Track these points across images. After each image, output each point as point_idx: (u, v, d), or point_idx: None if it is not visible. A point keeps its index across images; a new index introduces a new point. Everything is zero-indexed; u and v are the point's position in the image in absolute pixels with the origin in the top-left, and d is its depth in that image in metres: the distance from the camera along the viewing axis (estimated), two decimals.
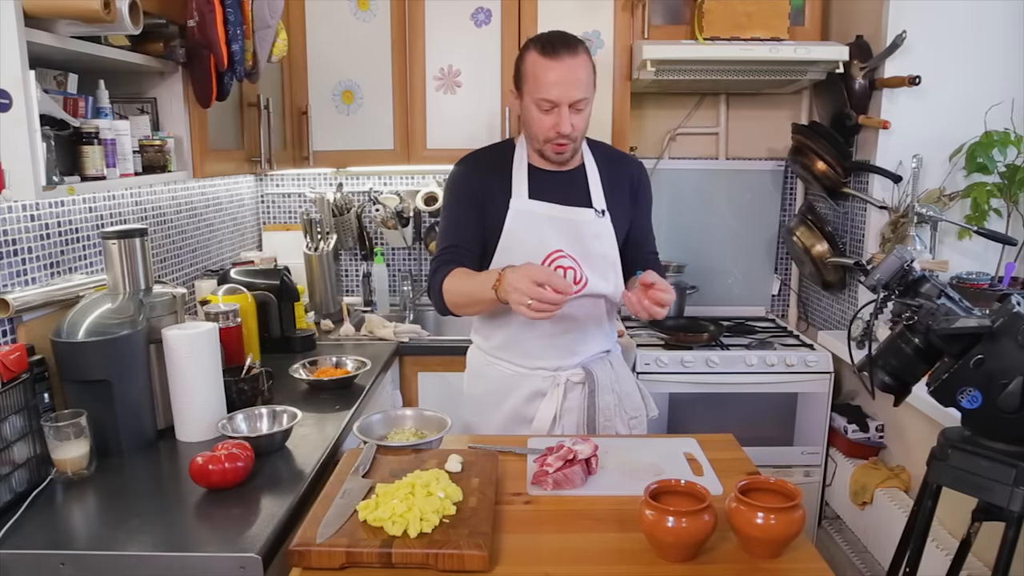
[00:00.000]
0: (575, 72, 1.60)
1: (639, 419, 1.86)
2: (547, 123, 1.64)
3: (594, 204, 1.74)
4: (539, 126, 1.66)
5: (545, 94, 1.61)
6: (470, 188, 1.75)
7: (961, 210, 2.33)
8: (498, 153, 1.80)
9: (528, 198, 1.71)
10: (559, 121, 1.62)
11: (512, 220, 1.71)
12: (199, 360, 1.58)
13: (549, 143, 1.67)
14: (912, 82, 2.24)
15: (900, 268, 1.36)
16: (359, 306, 2.98)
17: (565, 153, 1.69)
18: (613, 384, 1.80)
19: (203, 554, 1.15)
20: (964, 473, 1.32)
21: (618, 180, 1.79)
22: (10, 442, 1.31)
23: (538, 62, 1.62)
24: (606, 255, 1.74)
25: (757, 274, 3.08)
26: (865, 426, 2.47)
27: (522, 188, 1.72)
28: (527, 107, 1.68)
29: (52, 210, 1.72)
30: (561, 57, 1.60)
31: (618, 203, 1.77)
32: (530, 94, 1.65)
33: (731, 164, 3.00)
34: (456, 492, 1.23)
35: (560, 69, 1.60)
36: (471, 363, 1.93)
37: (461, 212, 1.74)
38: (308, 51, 2.64)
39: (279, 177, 3.07)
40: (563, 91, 1.60)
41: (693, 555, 1.12)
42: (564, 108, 1.61)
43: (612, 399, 1.79)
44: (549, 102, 1.62)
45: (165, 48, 1.70)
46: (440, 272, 1.69)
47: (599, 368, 1.79)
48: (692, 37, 2.55)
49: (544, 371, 1.78)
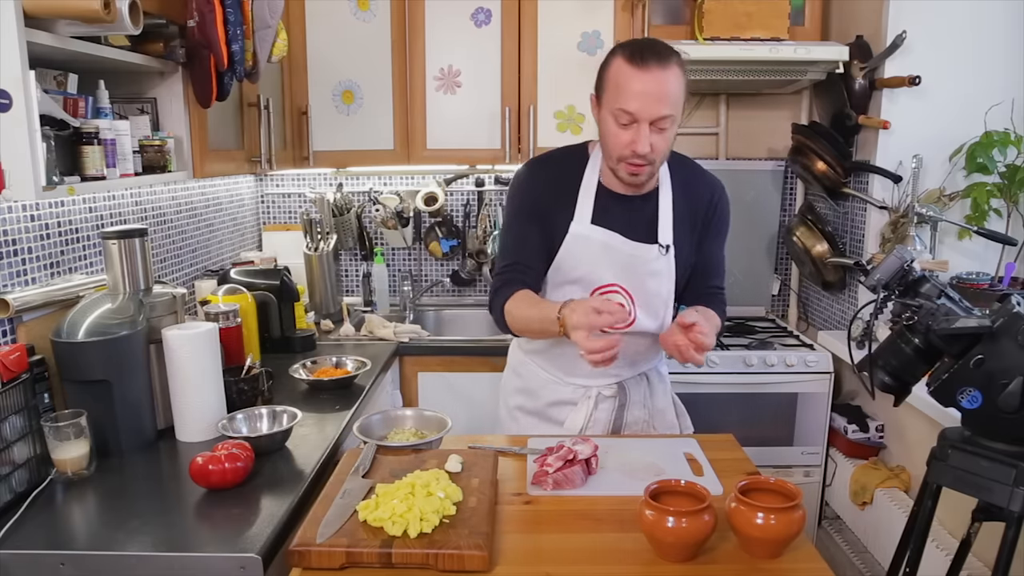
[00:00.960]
0: (662, 85, 1.43)
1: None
2: (624, 139, 1.47)
3: (660, 239, 1.61)
4: (615, 141, 1.50)
5: (624, 104, 1.44)
6: (534, 199, 1.63)
7: (961, 210, 2.33)
8: (569, 163, 1.65)
9: (590, 222, 1.59)
10: (636, 139, 1.45)
11: (569, 243, 1.60)
12: (199, 360, 1.58)
13: (623, 162, 1.51)
14: (912, 82, 2.24)
15: (900, 268, 1.36)
16: (359, 306, 2.98)
17: (641, 176, 1.52)
18: (645, 400, 1.74)
19: (203, 554, 1.15)
20: (964, 473, 1.32)
21: (692, 206, 1.65)
22: (10, 442, 1.31)
23: (622, 69, 1.45)
24: (661, 293, 1.63)
25: (757, 274, 3.07)
26: (865, 426, 2.47)
27: (586, 210, 1.60)
28: (604, 119, 1.51)
29: (52, 210, 1.72)
30: (649, 67, 1.43)
31: (686, 235, 1.64)
32: (609, 104, 1.48)
33: (731, 164, 3.00)
34: (456, 492, 1.23)
35: (646, 80, 1.43)
36: (511, 358, 1.86)
37: (523, 226, 1.63)
38: (308, 51, 2.64)
39: (279, 177, 3.07)
40: (645, 104, 1.43)
41: (693, 555, 1.12)
42: (644, 125, 1.45)
43: (642, 415, 1.73)
44: (628, 114, 1.45)
45: (165, 48, 1.70)
46: (502, 292, 1.59)
47: (633, 384, 1.73)
48: (692, 37, 2.55)
49: (576, 384, 1.72)
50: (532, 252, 1.62)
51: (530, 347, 1.78)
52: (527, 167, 1.69)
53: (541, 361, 1.77)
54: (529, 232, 1.62)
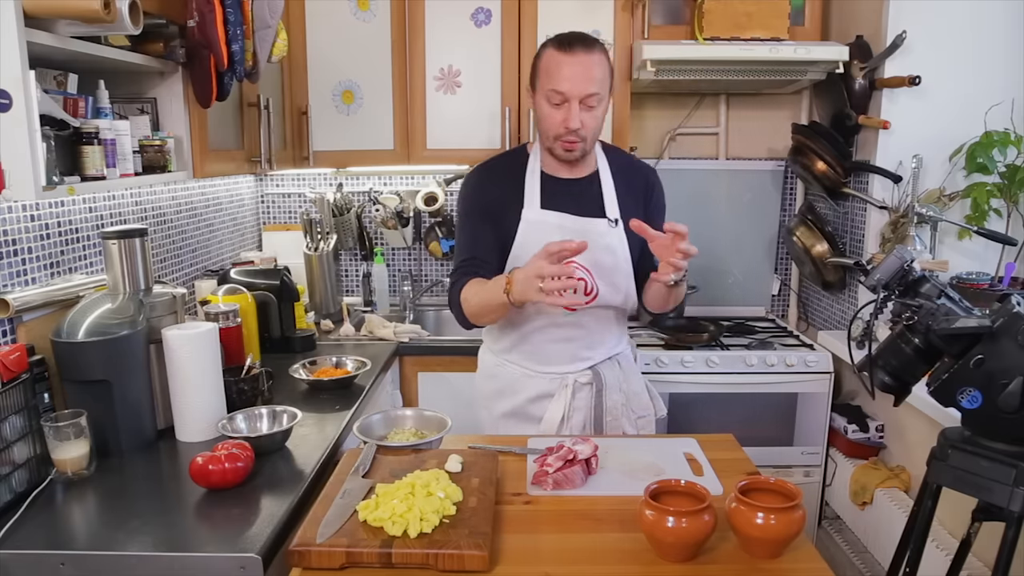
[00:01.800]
0: (588, 68, 1.59)
1: (647, 419, 1.86)
2: (557, 118, 1.62)
3: (607, 214, 1.72)
4: (549, 122, 1.64)
5: (556, 85, 1.59)
6: (483, 199, 1.74)
7: (961, 210, 2.33)
8: (511, 161, 1.78)
9: (540, 208, 1.70)
10: (568, 116, 1.60)
11: (524, 230, 1.70)
12: (199, 360, 1.58)
13: (559, 140, 1.65)
14: (912, 82, 2.24)
15: (900, 268, 1.36)
16: (359, 306, 2.98)
17: (575, 151, 1.66)
18: (621, 384, 1.81)
19: (203, 554, 1.15)
20: (964, 473, 1.32)
21: (632, 188, 1.77)
22: (10, 442, 1.31)
23: (552, 56, 1.61)
24: (618, 265, 1.73)
25: (757, 274, 3.08)
26: (865, 426, 2.47)
27: (534, 198, 1.71)
28: (539, 103, 1.66)
29: (52, 210, 1.72)
30: (575, 52, 1.59)
31: (631, 211, 1.73)
32: (542, 88, 1.63)
33: (731, 164, 3.00)
34: (456, 492, 1.23)
35: (573, 63, 1.59)
36: (482, 363, 1.93)
37: (475, 225, 1.73)
38: (308, 51, 2.64)
39: (279, 177, 3.07)
40: (574, 84, 1.58)
41: (693, 555, 1.12)
42: (574, 103, 1.60)
43: (619, 398, 1.79)
44: (559, 94, 1.60)
45: (165, 48, 1.70)
46: (458, 285, 1.69)
47: (607, 369, 1.80)
48: (692, 37, 2.55)
49: (552, 374, 1.78)
50: (485, 248, 1.73)
51: (499, 346, 1.84)
52: (474, 172, 1.80)
53: (513, 357, 1.81)
54: (481, 230, 1.73)
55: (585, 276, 1.69)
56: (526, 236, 1.69)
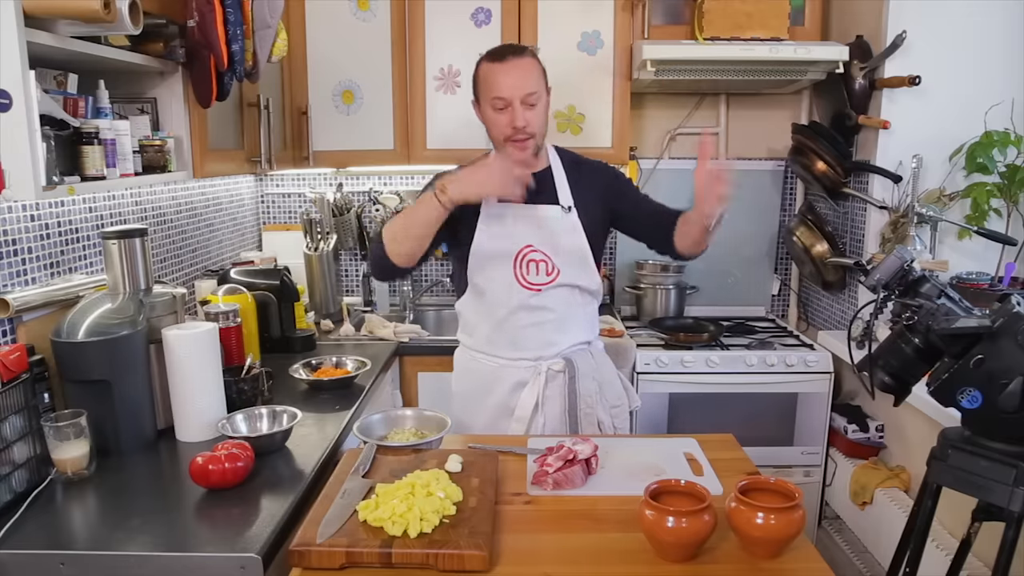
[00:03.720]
0: (522, 71, 1.72)
1: (621, 408, 1.90)
2: (503, 121, 1.73)
3: (560, 201, 1.82)
4: (498, 126, 1.75)
5: (497, 92, 1.71)
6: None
7: (961, 210, 2.33)
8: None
9: (497, 201, 1.76)
10: (513, 117, 1.72)
11: (484, 223, 1.79)
12: (199, 360, 1.58)
13: (509, 141, 1.75)
14: (912, 82, 2.24)
15: (900, 268, 1.36)
16: (359, 306, 2.98)
17: (528, 150, 1.77)
18: (593, 372, 1.85)
19: (203, 554, 1.15)
20: (964, 473, 1.32)
21: (586, 180, 1.87)
22: (10, 442, 1.31)
23: (488, 68, 1.74)
24: (577, 247, 1.82)
25: (757, 274, 3.07)
26: (865, 426, 2.47)
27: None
28: (485, 113, 1.77)
29: (52, 210, 1.72)
30: (507, 59, 1.72)
31: (587, 200, 1.84)
32: (485, 97, 1.75)
33: (731, 164, 3.00)
34: (456, 492, 1.23)
35: (508, 70, 1.72)
36: (457, 362, 1.99)
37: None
38: (308, 51, 2.64)
39: (279, 177, 3.07)
40: (512, 88, 1.70)
41: (693, 555, 1.12)
42: (516, 104, 1.71)
43: (593, 386, 1.83)
44: (501, 99, 1.71)
45: (165, 48, 1.70)
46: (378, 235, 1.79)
47: (579, 357, 1.85)
48: (692, 37, 2.55)
49: (526, 361, 1.84)
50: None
51: (473, 339, 1.90)
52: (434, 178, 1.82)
53: (486, 347, 1.88)
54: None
55: (544, 259, 1.80)
56: (486, 228, 1.79)
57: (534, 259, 1.80)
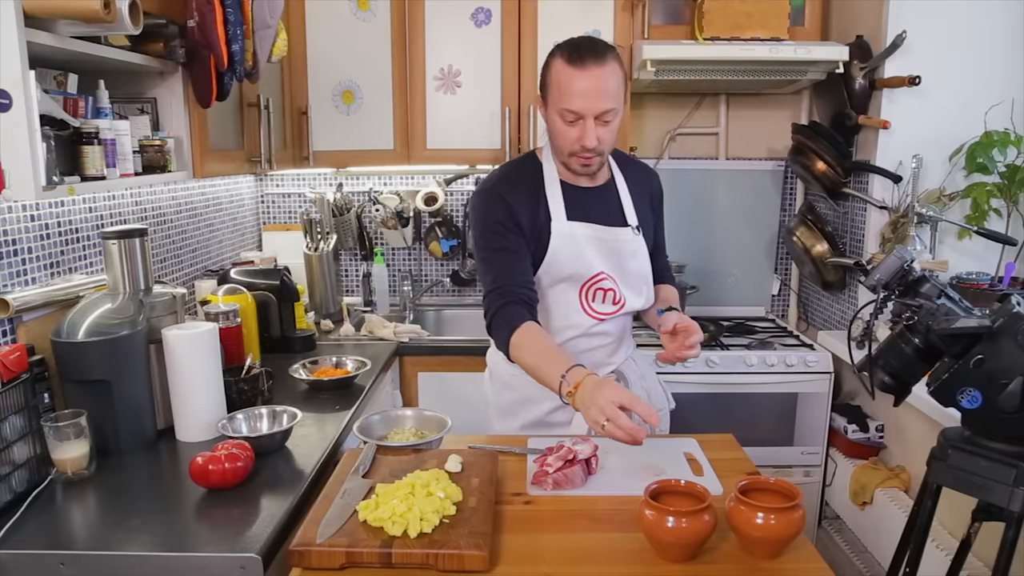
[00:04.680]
0: (602, 82, 1.50)
1: (663, 412, 1.86)
2: (572, 135, 1.56)
3: (629, 221, 1.71)
4: (564, 139, 1.58)
5: (569, 104, 1.52)
6: (505, 214, 1.62)
7: (961, 210, 2.33)
8: (525, 173, 1.69)
9: (567, 219, 1.65)
10: (584, 134, 1.53)
11: (555, 243, 1.64)
12: (199, 360, 1.58)
13: (574, 156, 1.59)
14: (912, 82, 2.24)
15: (900, 268, 1.36)
16: (359, 306, 2.98)
17: (592, 167, 1.62)
18: (641, 381, 1.81)
19: (203, 554, 1.15)
20: (964, 473, 1.32)
21: (642, 192, 1.76)
22: (10, 442, 1.31)
23: (563, 70, 1.52)
24: (641, 271, 1.72)
25: (757, 274, 3.07)
26: (865, 426, 2.47)
27: (559, 210, 1.65)
28: (551, 118, 1.59)
29: (52, 210, 1.72)
30: (587, 66, 1.50)
31: (645, 216, 1.74)
32: (554, 104, 1.55)
33: (731, 164, 3.00)
34: (456, 492, 1.23)
35: (586, 79, 1.50)
36: (496, 372, 1.84)
37: (503, 242, 1.62)
38: (308, 51, 2.64)
39: (279, 177, 3.06)
40: (588, 102, 1.50)
41: (693, 555, 1.12)
42: (589, 120, 1.52)
43: (642, 394, 1.78)
44: (573, 113, 1.52)
45: (165, 48, 1.69)
46: (502, 315, 1.55)
47: (627, 368, 1.80)
48: (692, 37, 2.55)
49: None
50: (519, 266, 1.61)
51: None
52: (485, 188, 1.68)
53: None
54: (510, 246, 1.61)
55: (613, 287, 1.68)
56: (557, 248, 1.64)
57: (603, 287, 1.66)
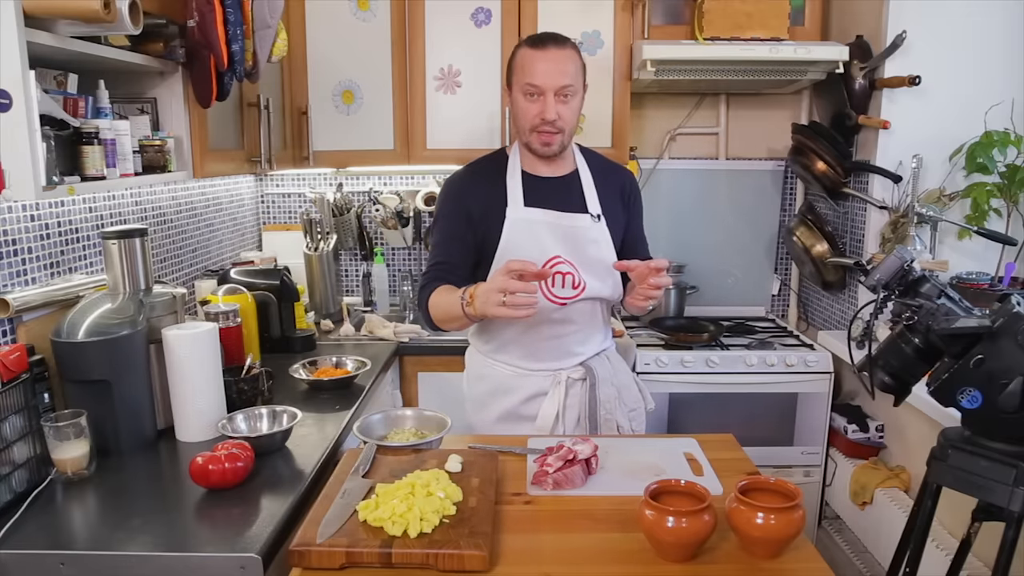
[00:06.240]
0: (561, 62, 1.65)
1: (638, 411, 1.88)
2: (533, 110, 1.66)
3: (589, 209, 1.76)
4: (526, 115, 1.68)
5: (531, 79, 1.64)
6: (462, 200, 1.75)
7: (961, 210, 2.33)
8: (491, 163, 1.81)
9: (524, 205, 1.73)
10: (544, 108, 1.65)
11: (509, 228, 1.72)
12: (199, 360, 1.58)
13: (535, 132, 1.68)
14: (912, 82, 2.24)
15: (900, 268, 1.36)
16: (359, 306, 2.98)
17: (552, 145, 1.70)
18: (612, 377, 1.82)
19: (203, 554, 1.15)
20: (964, 473, 1.32)
21: (611, 188, 1.82)
22: (10, 442, 1.31)
23: (526, 54, 1.67)
24: (603, 259, 1.75)
25: (757, 274, 3.08)
26: (865, 426, 2.47)
27: (517, 196, 1.74)
28: (516, 99, 1.70)
29: (52, 210, 1.72)
30: (548, 48, 1.65)
31: (612, 209, 1.79)
32: (518, 83, 1.68)
33: (731, 164, 3.00)
34: (456, 492, 1.23)
35: (546, 58, 1.64)
36: (470, 365, 1.93)
37: (451, 226, 1.75)
38: (308, 51, 2.64)
39: (279, 177, 3.07)
40: (548, 77, 1.63)
41: (693, 555, 1.12)
42: (549, 95, 1.64)
43: (612, 392, 1.81)
44: (534, 87, 1.64)
45: (165, 48, 1.69)
46: (427, 289, 1.70)
47: (598, 363, 1.82)
48: (692, 37, 2.55)
49: (544, 372, 1.79)
50: (459, 252, 1.75)
51: (488, 347, 1.85)
52: (455, 173, 1.82)
53: (504, 357, 1.82)
54: (456, 231, 1.75)
55: (571, 271, 1.73)
56: (512, 235, 1.72)
57: (561, 271, 1.72)
